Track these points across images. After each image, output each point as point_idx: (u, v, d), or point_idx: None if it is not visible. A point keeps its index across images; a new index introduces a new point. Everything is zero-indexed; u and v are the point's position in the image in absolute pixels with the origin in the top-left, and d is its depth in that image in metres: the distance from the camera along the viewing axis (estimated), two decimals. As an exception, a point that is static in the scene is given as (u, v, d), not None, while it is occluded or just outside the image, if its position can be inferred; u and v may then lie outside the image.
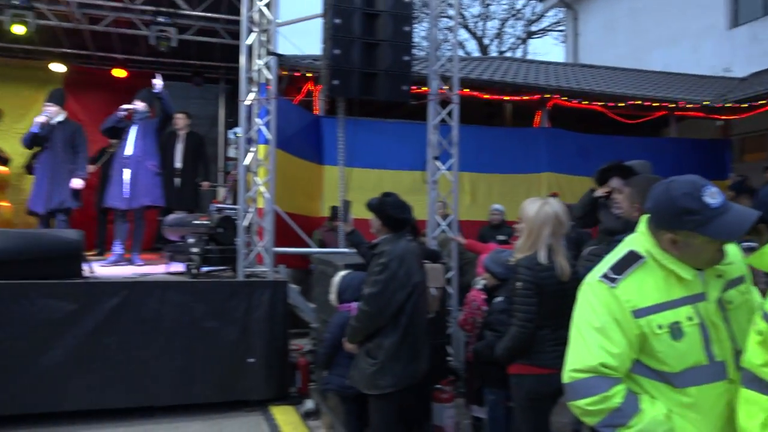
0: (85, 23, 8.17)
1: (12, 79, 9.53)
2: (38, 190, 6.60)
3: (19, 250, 4.71)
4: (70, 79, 9.56)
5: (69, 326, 4.66)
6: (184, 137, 7.99)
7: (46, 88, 8.00)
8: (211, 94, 10.47)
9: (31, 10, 7.22)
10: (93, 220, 8.36)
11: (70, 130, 6.75)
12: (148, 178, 6.56)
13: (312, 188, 7.83)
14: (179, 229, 5.87)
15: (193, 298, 4.98)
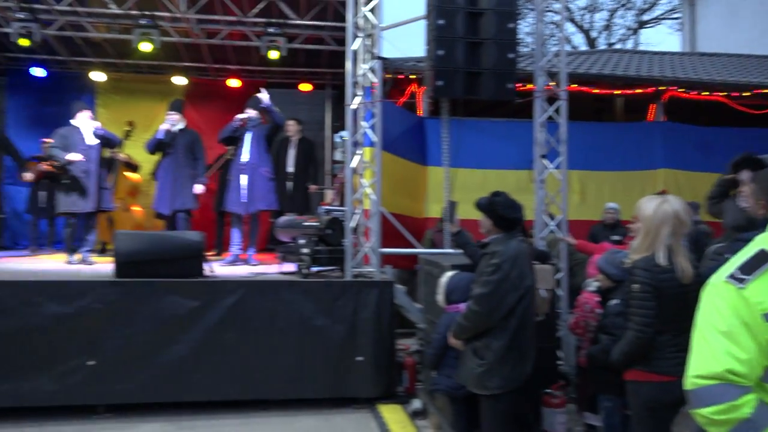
0: (203, 37, 8.68)
1: (140, 93, 10.29)
2: (162, 192, 7.11)
3: (149, 251, 5.09)
4: (189, 91, 10.19)
5: (192, 322, 4.96)
6: (296, 143, 8.32)
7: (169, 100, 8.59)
8: (318, 100, 10.76)
9: (156, 29, 7.77)
10: (212, 222, 8.85)
11: (190, 138, 7.22)
12: (263, 183, 6.90)
13: (416, 189, 7.87)
14: (290, 231, 6.08)
15: (303, 297, 5.14)
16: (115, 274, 5.09)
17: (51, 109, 9.73)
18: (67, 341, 4.80)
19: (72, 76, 10.14)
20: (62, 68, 10.15)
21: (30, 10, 7.62)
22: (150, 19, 7.77)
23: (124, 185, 8.70)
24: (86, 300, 4.85)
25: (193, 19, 8.14)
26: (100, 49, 9.57)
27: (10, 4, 7.61)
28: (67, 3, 7.87)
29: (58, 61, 9.99)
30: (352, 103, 5.78)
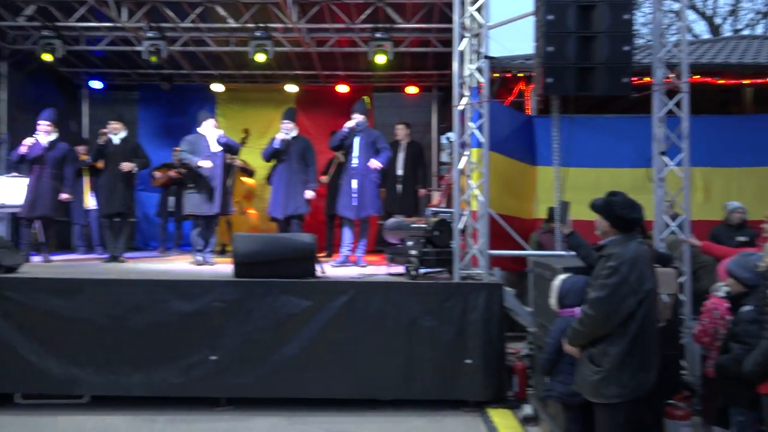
0: (313, 46, 8.95)
1: (255, 102, 10.80)
2: (276, 197, 7.40)
3: (264, 252, 5.30)
4: (300, 98, 10.56)
5: (304, 321, 5.12)
6: (405, 146, 8.40)
7: (282, 108, 8.92)
8: (425, 102, 10.78)
9: (269, 40, 8.11)
10: (322, 224, 9.11)
11: (302, 144, 7.47)
12: (372, 190, 7.02)
13: (525, 190, 7.68)
14: (399, 233, 6.13)
15: (412, 298, 5.17)
16: (234, 274, 5.36)
17: (176, 119, 10.45)
18: (192, 337, 5.11)
19: (194, 88, 10.83)
20: (186, 81, 10.84)
21: (158, 29, 8.20)
22: (264, 30, 8.12)
23: (240, 189, 9.15)
24: (208, 298, 5.14)
25: (304, 28, 8.41)
26: (219, 62, 10.14)
27: (142, 25, 8.23)
28: (190, 20, 8.40)
29: (182, 75, 10.68)
30: (459, 104, 5.73)
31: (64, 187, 7.64)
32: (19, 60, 9.41)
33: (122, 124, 7.75)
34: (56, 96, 10.41)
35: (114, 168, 7.46)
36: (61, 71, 10.43)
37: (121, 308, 5.13)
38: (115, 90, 11.08)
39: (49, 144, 7.39)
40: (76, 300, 5.14)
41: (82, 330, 5.11)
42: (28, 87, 9.67)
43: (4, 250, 5.63)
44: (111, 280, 5.31)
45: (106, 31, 8.86)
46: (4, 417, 4.94)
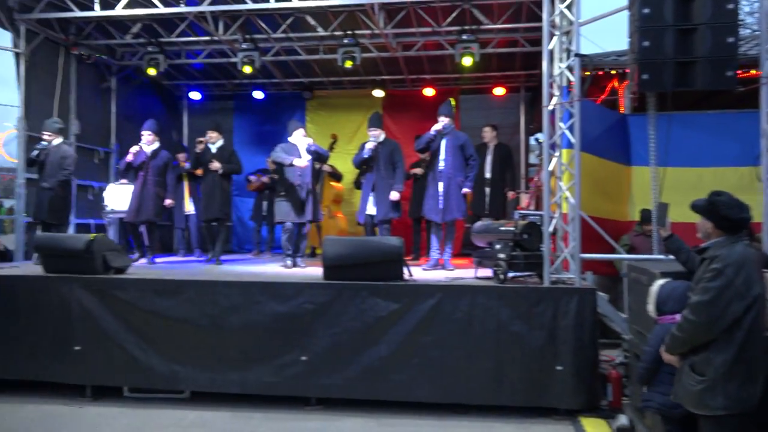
0: (400, 51, 9.02)
1: (342, 108, 11.01)
2: (365, 202, 7.49)
3: (353, 256, 5.38)
4: (387, 102, 10.67)
5: (392, 324, 5.15)
6: (492, 149, 8.29)
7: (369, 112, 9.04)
8: (512, 103, 10.61)
9: (357, 46, 8.25)
10: (408, 227, 9.14)
11: (389, 148, 7.51)
12: (458, 193, 6.95)
13: (619, 191, 7.38)
14: (486, 236, 6.05)
15: (500, 302, 5.08)
16: (324, 277, 5.47)
17: (269, 126, 10.85)
18: (284, 337, 5.26)
19: (286, 96, 11.18)
20: (277, 90, 11.23)
21: (252, 40, 8.55)
22: (352, 37, 8.27)
23: (329, 194, 9.35)
24: (299, 300, 5.28)
25: (391, 33, 8.50)
26: (308, 70, 10.43)
27: (237, 37, 8.60)
28: (282, 31, 8.69)
29: (274, 84, 11.06)
30: (548, 104, 5.59)
31: (167, 194, 8.08)
32: (126, 75, 10.09)
33: (218, 133, 8.11)
34: (159, 107, 11.08)
35: (212, 175, 7.84)
36: (164, 84, 11.08)
37: (218, 308, 5.37)
38: (212, 100, 11.65)
39: (151, 153, 7.83)
40: (177, 300, 5.43)
41: (182, 328, 5.39)
42: (134, 100, 10.35)
43: (114, 252, 6.01)
44: (209, 282, 5.55)
45: (204, 45, 9.34)
46: (114, 409, 5.30)
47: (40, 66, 8.28)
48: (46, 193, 7.26)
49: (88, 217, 9.14)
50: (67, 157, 7.43)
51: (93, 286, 5.57)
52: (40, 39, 8.24)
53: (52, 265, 5.87)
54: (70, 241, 5.91)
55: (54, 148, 7.36)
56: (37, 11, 7.94)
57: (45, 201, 7.25)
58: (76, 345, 5.50)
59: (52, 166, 7.30)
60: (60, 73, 8.65)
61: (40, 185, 7.33)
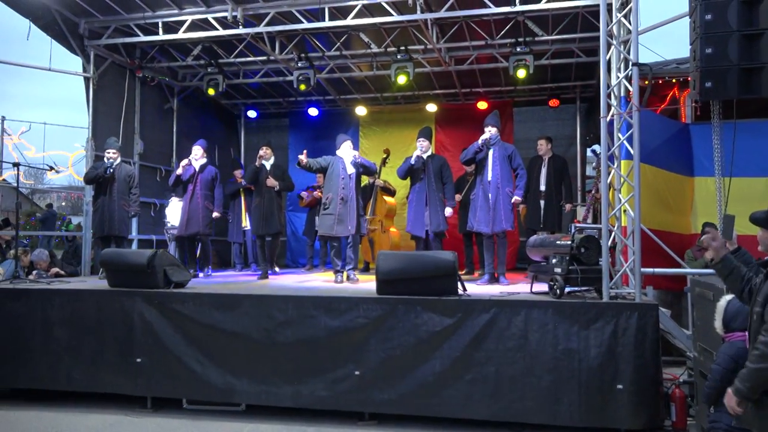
0: (453, 65, 9.01)
1: (396, 123, 11.07)
2: (415, 216, 7.45)
3: (407, 270, 5.35)
4: (440, 117, 10.67)
5: (446, 339, 5.08)
6: (547, 161, 8.13)
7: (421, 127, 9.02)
8: (568, 114, 10.44)
9: (410, 61, 8.28)
10: (461, 241, 9.06)
11: (439, 163, 7.51)
12: (507, 204, 6.81)
13: (682, 203, 7.10)
14: (542, 250, 5.92)
15: (557, 318, 4.94)
16: (377, 291, 5.46)
17: (323, 142, 10.97)
18: (337, 352, 5.26)
19: (339, 112, 11.33)
20: (331, 106, 11.39)
21: (307, 58, 8.72)
22: (405, 53, 8.31)
23: (381, 208, 9.34)
24: (353, 314, 5.27)
25: (444, 48, 8.50)
26: (362, 86, 10.54)
27: (292, 56, 8.78)
28: (336, 49, 8.82)
29: (328, 101, 11.23)
30: (606, 114, 5.45)
31: (216, 207, 8.36)
32: (188, 95, 10.44)
33: (271, 151, 8.21)
34: (218, 126, 11.41)
35: (266, 191, 7.99)
36: (222, 103, 11.40)
37: (272, 322, 5.42)
38: (268, 118, 11.92)
39: (200, 167, 8.17)
40: (234, 314, 5.52)
41: (238, 342, 5.46)
42: (194, 119, 10.69)
43: (174, 267, 6.17)
44: (263, 296, 5.62)
45: (260, 64, 9.58)
46: (174, 420, 5.40)
47: (107, 89, 8.68)
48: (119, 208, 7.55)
49: (150, 233, 9.45)
50: (134, 176, 7.80)
51: (154, 300, 5.73)
52: (108, 63, 8.63)
53: (116, 280, 6.07)
54: (133, 256, 6.10)
55: (119, 166, 7.65)
56: (105, 37, 8.33)
57: (115, 215, 7.52)
58: (137, 357, 5.65)
59: (120, 183, 7.60)
60: (125, 96, 9.03)
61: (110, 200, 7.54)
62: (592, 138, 10.07)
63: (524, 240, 7.96)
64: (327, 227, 7.18)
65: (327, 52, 8.98)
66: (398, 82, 8.47)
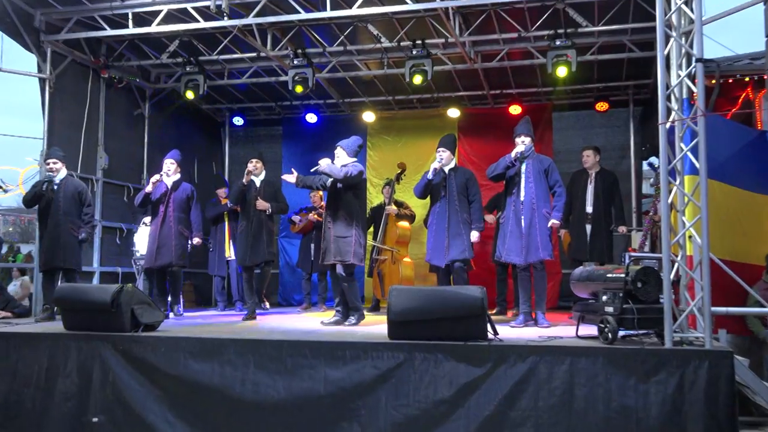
0: (479, 62, 9.08)
1: (411, 131, 11.15)
2: (435, 242, 7.42)
3: (425, 309, 5.32)
4: (464, 123, 10.75)
5: (474, 394, 5.02)
6: (594, 176, 8.09)
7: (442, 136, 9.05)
8: (619, 120, 10.48)
9: (428, 58, 8.36)
10: (492, 273, 9.03)
11: (463, 177, 7.44)
12: (544, 228, 6.77)
13: (759, 228, 7.06)
14: (589, 285, 5.89)
15: (609, 368, 4.90)
16: (389, 335, 5.43)
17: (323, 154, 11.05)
18: (340, 410, 5.20)
19: (343, 119, 11.46)
20: (333, 112, 11.51)
21: (304, 55, 8.81)
22: (421, 48, 8.39)
23: (392, 233, 9.33)
24: (359, 364, 5.22)
25: (468, 42, 8.57)
26: (370, 88, 10.64)
27: (287, 52, 8.88)
28: (339, 43, 8.91)
29: (329, 105, 11.34)
30: (665, 120, 5.45)
31: (194, 232, 8.26)
32: (162, 100, 10.56)
33: (261, 164, 8.22)
34: (198, 136, 11.54)
35: (255, 213, 7.93)
36: (203, 109, 11.54)
37: (261, 374, 5.39)
38: (258, 126, 12.07)
39: (172, 184, 8.10)
40: (213, 363, 5.48)
41: (218, 398, 5.41)
42: (169, 128, 10.82)
43: (144, 305, 6.17)
44: (250, 340, 5.59)
45: (249, 62, 9.71)
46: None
47: (66, 92, 8.82)
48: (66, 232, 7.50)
49: (114, 264, 9.51)
50: (86, 192, 7.78)
51: (119, 345, 5.73)
52: (67, 62, 8.78)
53: (73, 321, 6.09)
54: (94, 293, 6.11)
55: (64, 180, 7.68)
56: (65, 31, 8.47)
57: (59, 242, 7.48)
58: (93, 416, 5.62)
59: (67, 201, 7.57)
60: (88, 100, 9.15)
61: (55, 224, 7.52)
62: (648, 149, 10.05)
63: (567, 273, 7.92)
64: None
65: (328, 47, 9.08)
66: (414, 83, 8.54)
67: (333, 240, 7.01)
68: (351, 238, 6.99)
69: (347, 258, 6.96)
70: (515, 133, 7.05)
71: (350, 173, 7.03)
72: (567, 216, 7.77)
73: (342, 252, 6.97)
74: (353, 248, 6.99)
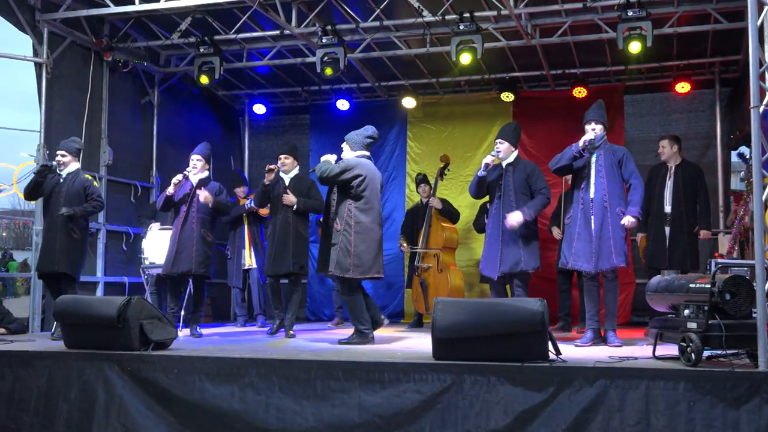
0: (538, 37, 9.03)
1: (458, 118, 11.13)
2: (490, 248, 7.39)
3: (476, 325, 5.32)
4: (519, 109, 10.70)
5: (533, 422, 5.01)
6: (674, 170, 7.99)
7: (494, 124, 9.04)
8: (702, 104, 10.36)
9: (477, 34, 8.32)
10: (553, 283, 8.98)
11: (524, 172, 7.38)
12: (618, 230, 6.68)
13: None
14: (669, 297, 5.84)
15: (692, 394, 4.85)
16: (434, 355, 5.44)
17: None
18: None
19: (380, 105, 11.48)
20: (368, 97, 11.54)
21: (335, 32, 8.83)
22: (470, 22, 8.36)
23: (437, 237, 9.31)
24: (400, 388, 5.24)
25: (525, 14, 8.54)
26: (411, 69, 10.65)
27: (315, 29, 8.92)
28: (374, 18, 8.92)
29: (363, 90, 11.37)
30: (758, 103, 5.37)
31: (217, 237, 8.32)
32: (173, 86, 10.70)
33: (294, 159, 8.21)
34: (213, 126, 11.65)
35: (284, 214, 7.90)
36: (219, 95, 11.66)
37: (288, 398, 5.44)
38: (282, 114, 12.16)
39: (198, 182, 8.06)
40: (234, 387, 5.54)
41: (238, 425, 5.47)
42: (181, 118, 10.95)
43: (154, 320, 6.25)
44: (275, 361, 5.64)
45: (271, 42, 9.77)
46: None
47: (65, 78, 8.98)
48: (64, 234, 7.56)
49: (120, 274, 9.65)
50: (91, 186, 7.82)
51: (126, 365, 5.82)
52: (66, 44, 8.93)
53: (75, 338, 6.21)
54: (98, 306, 6.21)
55: (71, 176, 7.78)
56: (63, 9, 8.62)
57: (56, 244, 7.56)
58: (97, 446, 5.73)
59: (71, 198, 7.64)
60: (90, 87, 9.30)
61: (52, 223, 7.60)
62: (738, 137, 9.91)
63: (642, 283, 7.84)
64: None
65: (362, 22, 9.11)
66: (461, 63, 8.52)
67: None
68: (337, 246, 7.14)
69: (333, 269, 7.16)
70: (585, 118, 6.97)
71: (329, 172, 7.16)
72: (644, 217, 7.67)
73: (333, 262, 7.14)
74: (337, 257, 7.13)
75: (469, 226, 10.04)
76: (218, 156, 11.47)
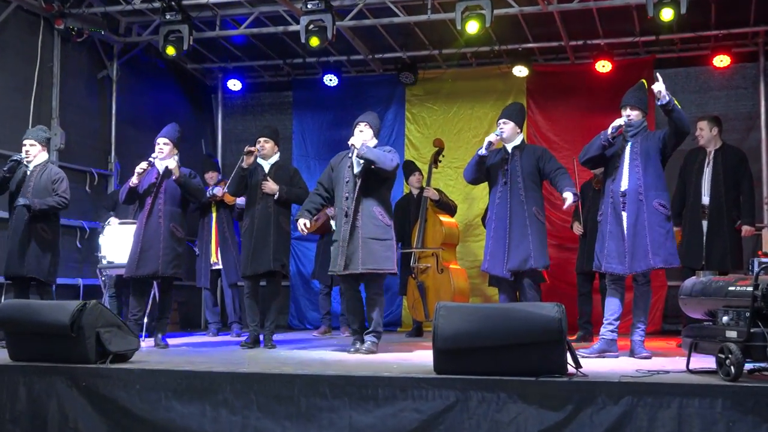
0: (555, 3, 9.02)
1: (464, 96, 11.13)
2: (495, 245, 7.36)
3: (484, 334, 5.31)
4: (534, 85, 10.73)
5: (550, 445, 5.05)
6: (713, 156, 7.96)
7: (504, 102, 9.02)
8: (745, 80, 10.39)
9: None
10: (572, 287, 8.99)
11: (532, 156, 7.36)
12: (657, 226, 6.65)
13: None
14: (705, 301, 5.85)
15: (732, 413, 4.87)
16: (436, 369, 5.44)
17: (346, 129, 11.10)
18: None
19: (373, 81, 11.45)
20: (359, 72, 11.53)
21: (322, -4, 8.78)
22: (478, -14, 8.36)
23: (436, 233, 9.29)
24: (397, 406, 5.25)
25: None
26: (410, 39, 10.64)
27: (300, -7, 8.90)
28: (366, -21, 8.92)
29: (354, 63, 11.36)
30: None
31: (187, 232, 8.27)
32: (134, 58, 10.65)
33: (274, 143, 8.14)
34: (181, 104, 11.63)
35: (263, 204, 7.85)
36: (189, 69, 11.63)
37: (268, 419, 5.44)
38: (260, 91, 12.13)
39: (165, 170, 7.94)
40: (206, 405, 5.53)
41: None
42: (145, 95, 10.90)
43: (113, 329, 6.21)
44: (253, 375, 5.64)
45: (249, 7, 9.75)
46: None
47: (9, 49, 8.98)
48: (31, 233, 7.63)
49: (74, 275, 9.62)
50: (61, 179, 7.84)
51: (81, 380, 5.79)
52: (11, 9, 8.90)
53: (21, 349, 6.18)
54: (48, 312, 6.15)
55: (39, 168, 7.81)
56: (7, -32, 8.59)
57: (26, 246, 7.61)
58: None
59: (39, 192, 7.69)
60: (38, 59, 9.27)
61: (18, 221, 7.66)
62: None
63: (675, 285, 7.86)
64: (333, 262, 7.33)
65: (353, -15, 9.10)
66: (467, 32, 8.51)
67: (363, 243, 7.10)
68: (390, 241, 7.26)
69: (387, 265, 7.19)
70: (623, 103, 6.87)
71: (396, 163, 7.35)
72: (678, 210, 7.67)
73: (378, 258, 7.13)
74: (392, 253, 7.25)
75: (467, 222, 10.06)
76: (187, 139, 11.43)
